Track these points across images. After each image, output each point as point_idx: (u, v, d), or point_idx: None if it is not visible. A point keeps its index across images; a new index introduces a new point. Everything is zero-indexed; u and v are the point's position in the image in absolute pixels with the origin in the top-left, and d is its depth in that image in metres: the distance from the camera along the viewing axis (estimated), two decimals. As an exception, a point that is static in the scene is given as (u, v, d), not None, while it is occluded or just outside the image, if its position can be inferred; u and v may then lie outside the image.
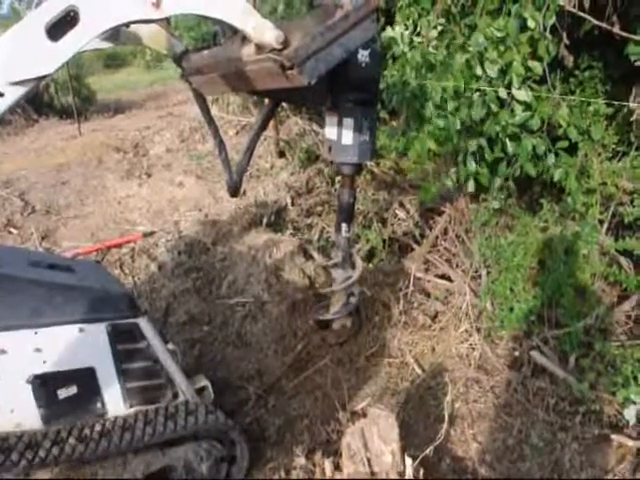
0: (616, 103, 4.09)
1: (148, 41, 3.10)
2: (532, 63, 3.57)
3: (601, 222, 4.45)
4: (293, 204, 6.30)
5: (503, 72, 3.69)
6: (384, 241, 5.39)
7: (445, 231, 5.63)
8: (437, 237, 5.56)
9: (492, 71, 3.60)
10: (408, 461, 2.40)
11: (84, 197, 6.48)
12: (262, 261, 4.82)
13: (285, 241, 5.11)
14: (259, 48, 2.38)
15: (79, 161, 7.57)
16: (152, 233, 5.64)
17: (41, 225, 5.87)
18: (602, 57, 4.89)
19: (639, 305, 4.25)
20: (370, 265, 5.12)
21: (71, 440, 2.37)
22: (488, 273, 4.54)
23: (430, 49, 3.84)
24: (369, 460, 2.40)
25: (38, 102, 11.83)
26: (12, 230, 5.77)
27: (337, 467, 2.65)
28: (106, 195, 6.53)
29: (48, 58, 1.95)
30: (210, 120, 3.51)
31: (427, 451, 2.44)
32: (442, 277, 4.98)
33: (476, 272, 4.67)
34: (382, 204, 6.12)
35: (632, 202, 4.48)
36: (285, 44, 2.26)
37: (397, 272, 4.91)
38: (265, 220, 5.72)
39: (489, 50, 3.58)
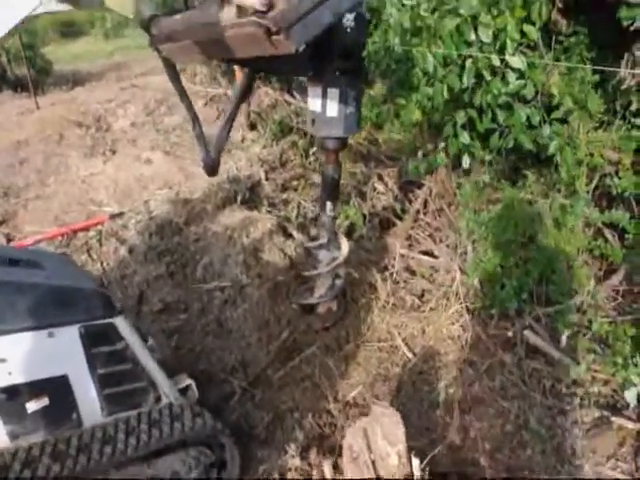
0: (609, 70, 3.92)
1: (112, 4, 2.78)
2: (527, 27, 3.35)
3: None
4: (267, 179, 6.04)
5: (495, 37, 3.47)
6: (364, 216, 5.19)
7: (425, 204, 5.47)
8: (418, 211, 5.40)
9: (485, 36, 3.36)
10: (415, 462, 2.24)
11: (45, 177, 6.08)
12: (239, 241, 4.57)
13: (262, 219, 4.87)
14: (240, 11, 2.11)
15: (38, 137, 7.10)
16: (120, 214, 5.31)
17: (-1, 208, 5.50)
18: (587, 22, 4.71)
19: (626, 279, 4.18)
20: (350, 242, 4.92)
21: (45, 459, 2.13)
22: (474, 249, 4.40)
23: (422, 12, 3.57)
24: (374, 462, 2.24)
25: (-11, 74, 11.17)
26: (-33, 215, 5.39)
27: (335, 467, 2.49)
28: (69, 174, 6.14)
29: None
30: (182, 91, 3.22)
31: (435, 451, 2.29)
32: (425, 253, 4.83)
33: (461, 247, 4.52)
34: (359, 177, 5.90)
35: (617, 173, 4.39)
36: (269, 6, 2.00)
37: (380, 249, 4.74)
38: (240, 197, 5.45)
39: (482, 14, 3.34)
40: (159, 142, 6.88)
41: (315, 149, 6.38)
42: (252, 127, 7.05)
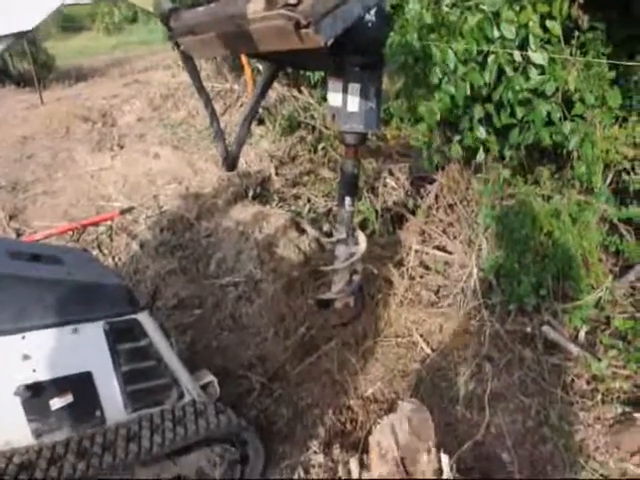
0: (623, 65, 3.89)
1: (132, -3, 2.75)
2: (550, 23, 3.31)
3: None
4: (277, 174, 6.01)
5: (516, 33, 3.42)
6: (376, 211, 5.16)
7: (437, 199, 5.43)
8: (430, 206, 5.37)
9: (509, 32, 3.32)
10: (444, 458, 2.22)
11: (53, 172, 6.05)
12: (252, 236, 4.55)
13: (275, 214, 4.84)
14: (269, 3, 2.07)
15: (44, 132, 7.08)
16: (130, 209, 5.29)
17: (7, 203, 5.46)
18: (604, 18, 4.68)
19: (642, 275, 4.15)
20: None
21: (70, 457, 2.10)
22: (489, 244, 4.37)
23: (445, 8, 3.52)
24: (402, 459, 2.21)
25: (-9, 69, 11.12)
26: (-25, 209, 5.35)
27: (360, 463, 2.46)
28: (77, 169, 6.11)
29: (30, 8, 1.62)
30: (200, 87, 3.21)
31: (463, 448, 2.27)
32: (439, 248, 4.80)
33: (475, 243, 4.48)
34: (370, 173, 5.87)
35: (633, 169, 4.36)
36: (299, -1, 1.96)
37: (394, 245, 4.70)
38: (251, 192, 5.42)
39: (504, 10, 3.30)
40: (167, 137, 6.86)
41: (323, 144, 6.37)
42: (260, 122, 7.01)
